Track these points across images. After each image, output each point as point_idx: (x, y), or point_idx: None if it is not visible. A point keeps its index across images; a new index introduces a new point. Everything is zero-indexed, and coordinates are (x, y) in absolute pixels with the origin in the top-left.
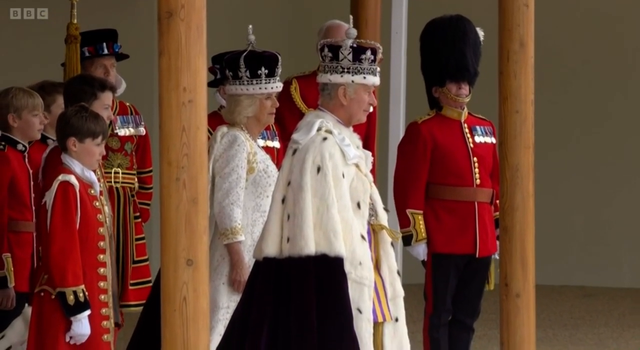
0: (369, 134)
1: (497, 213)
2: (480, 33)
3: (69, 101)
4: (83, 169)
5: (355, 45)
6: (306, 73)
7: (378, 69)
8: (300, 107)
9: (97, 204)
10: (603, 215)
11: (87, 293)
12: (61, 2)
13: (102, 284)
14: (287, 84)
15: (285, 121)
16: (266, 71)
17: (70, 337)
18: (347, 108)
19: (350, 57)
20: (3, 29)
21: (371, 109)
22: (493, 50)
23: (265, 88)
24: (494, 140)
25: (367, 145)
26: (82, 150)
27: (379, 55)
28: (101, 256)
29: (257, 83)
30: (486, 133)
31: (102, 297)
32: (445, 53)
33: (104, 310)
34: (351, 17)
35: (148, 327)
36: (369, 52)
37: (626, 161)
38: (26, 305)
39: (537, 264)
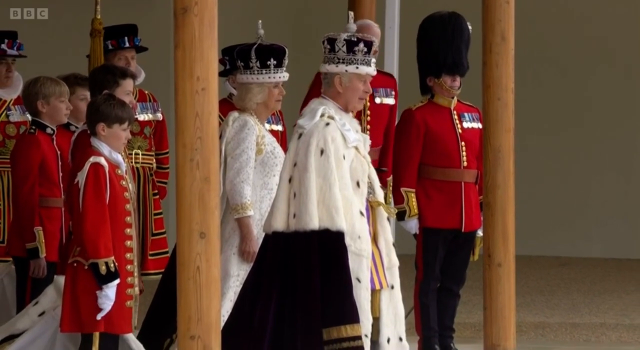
0: (390, 125)
1: (482, 196)
2: (469, 27)
3: (93, 89)
4: (111, 151)
5: (348, 38)
6: None
7: (373, 60)
8: None
9: (124, 183)
10: (577, 193)
11: (116, 264)
12: (61, 2)
13: (128, 255)
14: (319, 74)
15: None
16: (275, 62)
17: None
18: (343, 95)
19: (344, 49)
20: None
21: (377, 98)
22: (477, 43)
23: (274, 77)
24: (480, 125)
25: (388, 135)
26: (110, 134)
27: (374, 48)
28: (128, 230)
29: (266, 73)
30: (473, 119)
31: (129, 267)
32: (444, 49)
33: (129, 279)
34: (352, 13)
35: (166, 293)
36: (361, 45)
37: (598, 144)
38: (55, 275)
39: (517, 237)
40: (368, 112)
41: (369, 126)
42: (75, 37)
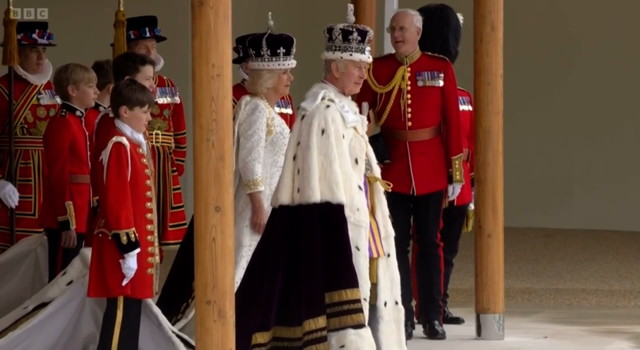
0: (446, 106)
1: (473, 173)
2: (460, 18)
3: (116, 75)
4: (132, 131)
5: (344, 28)
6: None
7: (368, 48)
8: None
9: (145, 160)
10: (559, 170)
11: (137, 234)
12: (61, 2)
13: (149, 226)
14: None
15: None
16: (284, 50)
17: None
18: (339, 81)
19: (340, 37)
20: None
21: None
22: (469, 33)
23: (283, 64)
24: (470, 107)
25: (449, 117)
26: (131, 116)
27: (368, 37)
28: (148, 204)
29: (276, 60)
30: (464, 102)
31: (149, 237)
32: (432, 38)
33: (149, 249)
34: (351, 6)
35: (184, 262)
36: (355, 34)
37: (578, 123)
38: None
39: (505, 210)
40: (408, 95)
41: (410, 109)
42: (75, 36)
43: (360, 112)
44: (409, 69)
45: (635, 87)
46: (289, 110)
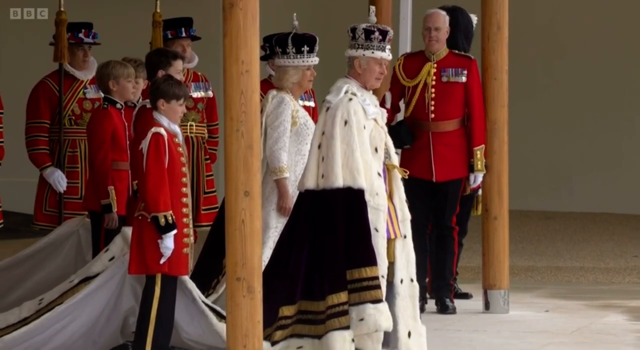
0: (469, 100)
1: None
2: (474, 19)
3: (149, 69)
4: (169, 123)
5: (366, 27)
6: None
7: (388, 46)
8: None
9: (180, 149)
10: (559, 157)
11: (174, 217)
12: (105, 4)
13: (184, 210)
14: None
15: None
16: (307, 48)
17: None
18: (362, 76)
19: (363, 36)
20: (3, 29)
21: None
22: (477, 32)
23: (307, 61)
24: None
25: (471, 110)
26: (168, 109)
27: (389, 36)
28: (184, 189)
29: (300, 57)
30: None
31: (185, 220)
32: None
33: (185, 230)
34: (373, 7)
35: (215, 242)
36: (377, 33)
37: (575, 114)
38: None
39: (510, 194)
40: (432, 90)
41: (433, 102)
42: (118, 35)
43: (383, 103)
44: (435, 65)
45: (628, 78)
46: (312, 103)
